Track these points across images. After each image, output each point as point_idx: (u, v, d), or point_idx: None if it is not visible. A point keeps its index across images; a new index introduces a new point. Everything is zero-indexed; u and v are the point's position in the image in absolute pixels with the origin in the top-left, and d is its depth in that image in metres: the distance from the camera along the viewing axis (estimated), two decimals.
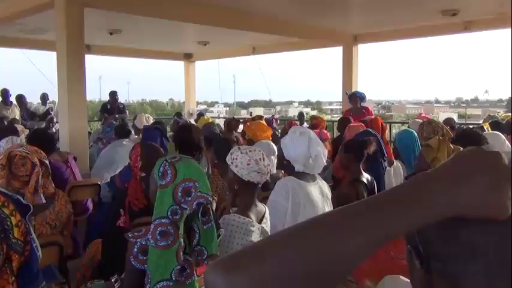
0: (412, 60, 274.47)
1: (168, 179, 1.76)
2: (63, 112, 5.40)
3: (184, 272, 1.74)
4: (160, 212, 1.74)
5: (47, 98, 10.01)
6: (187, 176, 1.76)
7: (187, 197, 1.74)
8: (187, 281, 1.74)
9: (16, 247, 1.06)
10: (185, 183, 1.75)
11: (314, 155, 2.82)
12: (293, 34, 8.40)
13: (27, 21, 7.05)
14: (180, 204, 1.74)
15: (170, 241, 1.70)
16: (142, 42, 10.33)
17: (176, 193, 1.74)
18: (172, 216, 1.73)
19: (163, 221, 1.72)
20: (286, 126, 6.70)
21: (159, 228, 1.71)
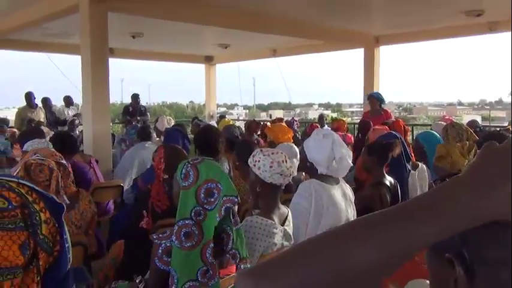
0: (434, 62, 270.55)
1: (191, 181, 1.77)
2: (87, 115, 5.49)
3: (207, 274, 1.74)
4: (184, 213, 1.75)
5: (70, 100, 10.19)
6: (210, 177, 1.77)
7: (210, 198, 1.75)
8: (210, 282, 1.74)
9: (44, 245, 1.06)
10: (207, 184, 1.76)
11: (338, 157, 2.80)
12: (314, 36, 8.37)
13: (52, 26, 7.20)
14: (203, 205, 1.74)
15: (194, 242, 1.71)
16: (163, 46, 10.44)
17: (199, 194, 1.75)
18: (195, 217, 1.73)
19: (187, 222, 1.73)
20: (307, 128, 6.67)
21: (183, 230, 1.73)
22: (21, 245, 1.00)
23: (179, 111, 42.90)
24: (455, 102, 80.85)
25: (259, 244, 2.25)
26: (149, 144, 5.05)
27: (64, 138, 4.34)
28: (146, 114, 10.36)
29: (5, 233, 0.97)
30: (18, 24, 6.84)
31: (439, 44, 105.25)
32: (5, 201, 1.00)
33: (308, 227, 2.71)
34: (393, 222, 0.55)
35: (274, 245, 2.29)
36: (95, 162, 4.52)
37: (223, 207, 1.74)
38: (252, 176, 2.43)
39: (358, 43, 9.14)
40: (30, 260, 1.04)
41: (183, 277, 1.71)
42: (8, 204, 1.00)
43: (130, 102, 10.20)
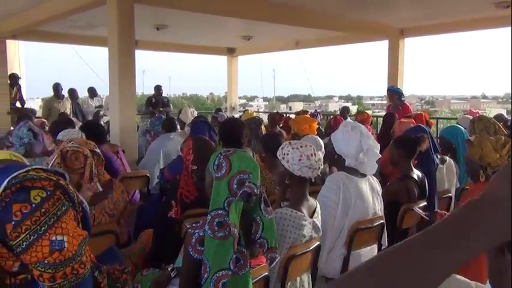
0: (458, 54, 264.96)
1: (223, 171, 1.80)
2: (113, 106, 5.57)
3: (239, 263, 1.77)
4: (217, 203, 1.78)
5: (94, 92, 10.35)
6: (242, 168, 1.80)
7: (242, 188, 1.77)
8: (240, 271, 1.78)
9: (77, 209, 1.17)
10: (240, 175, 1.79)
11: (366, 149, 2.80)
12: (338, 28, 8.29)
13: (78, 18, 7.29)
14: (236, 196, 1.77)
15: (227, 231, 1.74)
16: (187, 38, 10.47)
17: (232, 185, 1.78)
18: (228, 207, 1.76)
19: (219, 212, 1.76)
20: (331, 121, 6.64)
21: (216, 220, 1.76)
22: (74, 220, 1.11)
23: (199, 103, 43.07)
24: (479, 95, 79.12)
25: (289, 236, 2.27)
26: (174, 136, 5.11)
27: (92, 127, 4.43)
28: (169, 105, 10.45)
29: (67, 216, 1.08)
30: (46, 16, 6.94)
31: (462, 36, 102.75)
32: (42, 191, 1.06)
33: (335, 220, 2.73)
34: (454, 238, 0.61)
35: (303, 237, 2.31)
36: (122, 152, 4.60)
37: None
38: (281, 169, 2.45)
39: (382, 35, 9.01)
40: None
41: (215, 266, 1.74)
42: (47, 192, 1.06)
43: (153, 94, 10.29)
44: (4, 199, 1.03)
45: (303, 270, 2.40)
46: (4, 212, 1.02)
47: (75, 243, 1.06)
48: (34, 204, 1.02)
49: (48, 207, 1.04)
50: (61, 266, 1.03)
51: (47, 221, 1.02)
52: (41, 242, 1.01)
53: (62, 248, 1.03)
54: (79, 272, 1.07)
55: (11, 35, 8.89)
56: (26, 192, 1.04)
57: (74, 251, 1.06)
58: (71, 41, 9.83)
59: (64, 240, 1.04)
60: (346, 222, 2.74)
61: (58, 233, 1.04)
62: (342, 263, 2.74)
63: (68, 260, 1.04)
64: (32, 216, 1.01)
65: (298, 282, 2.38)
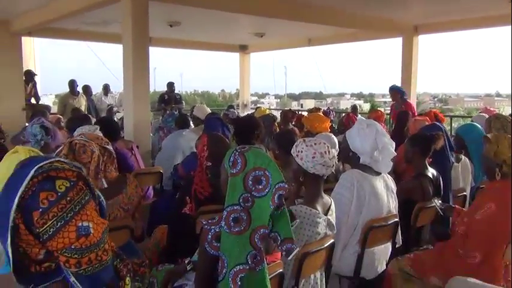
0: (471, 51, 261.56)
1: (238, 168, 1.81)
2: (128, 102, 5.62)
3: (256, 259, 1.77)
4: (232, 199, 1.79)
5: (108, 89, 10.43)
6: (257, 164, 1.80)
7: (258, 185, 1.78)
8: (257, 267, 1.78)
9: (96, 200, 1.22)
10: (255, 172, 1.79)
11: (381, 147, 2.79)
12: (351, 25, 8.24)
13: (92, 15, 7.35)
14: (251, 192, 1.78)
15: (243, 227, 1.75)
16: (199, 34, 10.50)
17: (247, 181, 1.78)
18: (244, 203, 1.77)
19: (235, 207, 1.77)
20: (343, 118, 6.62)
21: (232, 215, 1.77)
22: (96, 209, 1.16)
23: (210, 100, 43.11)
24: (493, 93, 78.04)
25: (303, 233, 2.27)
26: (187, 132, 5.14)
27: (107, 124, 4.45)
28: (181, 102, 10.51)
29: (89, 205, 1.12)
30: (61, 13, 6.99)
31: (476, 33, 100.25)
32: (67, 181, 1.10)
33: (349, 217, 2.72)
34: None
35: (317, 234, 2.31)
36: (136, 149, 4.63)
37: (276, 194, 1.76)
38: (295, 166, 2.45)
39: (396, 32, 8.95)
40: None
41: (233, 261, 1.75)
42: (70, 182, 1.11)
43: (166, 91, 10.35)
44: (31, 188, 1.06)
45: (317, 267, 2.40)
46: (31, 200, 1.06)
47: (100, 230, 1.10)
48: (60, 193, 1.07)
49: (73, 196, 1.09)
50: (87, 251, 1.07)
51: (72, 208, 1.07)
52: (67, 228, 1.05)
53: (88, 234, 1.08)
54: (102, 258, 1.11)
55: (27, 32, 8.98)
56: (51, 182, 1.08)
57: (99, 238, 1.10)
58: (85, 37, 9.91)
59: (90, 226, 1.08)
60: (360, 220, 2.73)
61: (84, 220, 1.08)
62: (356, 260, 2.74)
63: (93, 246, 1.08)
64: (59, 204, 1.06)
65: (312, 280, 2.38)
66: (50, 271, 1.10)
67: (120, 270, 1.26)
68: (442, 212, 3.09)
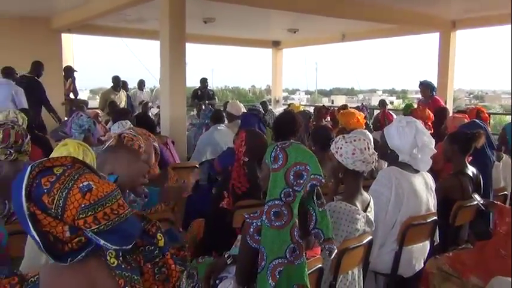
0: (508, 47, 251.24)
1: (280, 163, 1.83)
2: (164, 98, 5.72)
3: (295, 253, 1.80)
4: (274, 194, 1.82)
5: (143, 84, 10.62)
6: (299, 159, 1.83)
7: (299, 179, 1.80)
8: (296, 261, 1.81)
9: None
10: (297, 167, 1.81)
11: (420, 145, 2.76)
12: (387, 20, 8.12)
13: (130, 12, 7.50)
14: (292, 187, 1.80)
15: (284, 221, 1.78)
16: (233, 31, 10.56)
17: (288, 176, 1.81)
18: (285, 198, 1.80)
19: (276, 202, 1.80)
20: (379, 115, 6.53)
21: (273, 210, 1.80)
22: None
23: (241, 96, 43.22)
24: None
25: (342, 229, 2.28)
26: (222, 127, 5.20)
27: (143, 119, 4.55)
28: (214, 98, 10.60)
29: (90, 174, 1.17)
30: (100, 11, 7.17)
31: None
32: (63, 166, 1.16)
33: (387, 215, 2.71)
34: None
35: (356, 231, 2.32)
36: (171, 144, 4.71)
37: (310, 183, 1.80)
38: (334, 163, 2.45)
39: (433, 27, 8.75)
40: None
41: (272, 254, 1.79)
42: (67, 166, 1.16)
43: (199, 86, 10.45)
44: (34, 181, 1.12)
45: (355, 264, 2.41)
46: (36, 188, 1.11)
47: (103, 187, 1.13)
48: (58, 174, 1.13)
49: (71, 172, 1.13)
50: (97, 206, 1.10)
51: (72, 178, 1.11)
52: (72, 192, 1.10)
53: (90, 189, 1.11)
54: (119, 212, 1.13)
55: (66, 29, 9.25)
56: (49, 170, 1.14)
57: (106, 193, 1.12)
58: (122, 34, 10.11)
59: (90, 184, 1.11)
60: (399, 218, 2.71)
61: (83, 181, 1.12)
62: (394, 258, 2.73)
63: (102, 200, 1.11)
64: (59, 180, 1.11)
65: (350, 276, 2.39)
66: (81, 245, 1.14)
67: (149, 230, 1.31)
68: (484, 207, 3.03)
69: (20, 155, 2.54)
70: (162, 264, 1.30)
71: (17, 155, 2.52)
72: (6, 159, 2.50)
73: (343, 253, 2.22)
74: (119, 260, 1.19)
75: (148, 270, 1.26)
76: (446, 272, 2.80)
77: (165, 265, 1.30)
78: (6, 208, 2.43)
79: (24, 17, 8.57)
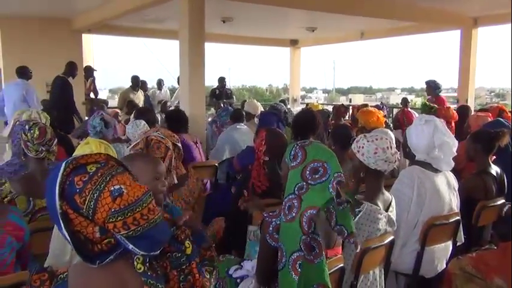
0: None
1: (298, 160, 1.84)
2: (184, 97, 5.76)
3: (313, 252, 1.79)
4: (290, 189, 1.84)
5: (162, 84, 10.70)
6: (317, 157, 1.82)
7: (315, 175, 1.80)
8: (316, 260, 1.80)
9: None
10: (314, 164, 1.81)
11: (438, 144, 2.72)
12: (407, 18, 8.02)
13: (149, 12, 7.57)
14: (307, 181, 1.80)
15: (294, 213, 1.79)
16: (251, 30, 10.57)
17: (305, 172, 1.81)
18: (298, 191, 1.81)
19: (291, 196, 1.82)
20: (398, 114, 6.48)
21: (287, 204, 1.82)
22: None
23: (258, 95, 43.20)
24: None
25: (364, 229, 2.27)
26: (241, 126, 5.21)
27: (177, 117, 4.52)
28: (232, 97, 10.62)
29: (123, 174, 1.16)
30: (119, 12, 7.26)
31: None
32: (97, 164, 1.15)
33: (409, 215, 2.68)
34: None
35: (378, 231, 2.30)
36: (200, 143, 4.71)
37: (335, 181, 1.78)
38: (356, 162, 2.43)
39: (455, 24, 8.63)
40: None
41: (289, 248, 1.80)
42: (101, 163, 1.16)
43: (217, 85, 10.48)
44: (68, 178, 1.12)
45: (376, 263, 2.39)
46: (69, 187, 1.11)
47: (134, 191, 1.11)
48: (91, 173, 1.12)
49: (103, 172, 1.12)
50: (127, 211, 1.09)
51: (104, 179, 1.10)
52: (103, 195, 1.09)
53: (121, 193, 1.09)
54: (149, 217, 1.12)
55: (87, 30, 9.38)
56: (83, 167, 1.13)
57: (137, 197, 1.11)
58: (141, 34, 10.22)
59: (122, 187, 1.10)
60: (421, 218, 2.68)
61: (114, 184, 1.10)
62: (415, 258, 2.70)
63: (132, 205, 1.10)
64: (91, 180, 1.10)
65: (371, 276, 2.37)
66: (111, 247, 1.14)
67: (178, 236, 1.31)
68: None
69: (48, 154, 2.58)
70: (188, 272, 1.29)
71: (46, 154, 2.56)
72: (35, 156, 2.55)
73: (364, 253, 2.20)
74: (146, 266, 1.19)
75: (174, 278, 1.26)
76: (470, 272, 2.76)
77: (191, 273, 1.30)
78: (30, 205, 2.48)
79: (46, 18, 8.73)
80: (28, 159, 2.63)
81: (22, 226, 2.03)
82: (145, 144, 2.45)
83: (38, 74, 7.30)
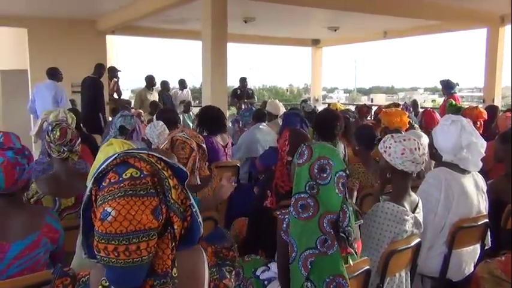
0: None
1: (305, 158, 1.91)
2: (206, 96, 5.79)
3: (326, 243, 1.85)
4: (299, 187, 1.90)
5: (185, 84, 10.77)
6: (322, 154, 1.89)
7: (322, 173, 1.87)
8: (329, 251, 1.85)
9: (175, 209, 1.13)
10: (320, 161, 1.88)
11: (465, 144, 2.66)
12: (432, 16, 7.90)
13: (171, 13, 7.64)
14: (316, 180, 1.87)
15: (311, 213, 1.86)
16: (272, 30, 10.57)
17: (312, 169, 1.88)
18: (310, 190, 1.87)
19: (302, 195, 1.88)
20: (422, 114, 6.36)
21: (299, 202, 1.88)
22: (153, 210, 1.07)
23: (278, 95, 43.16)
24: None
25: (390, 230, 2.23)
26: (263, 126, 5.20)
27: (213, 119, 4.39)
28: (253, 97, 10.63)
29: (137, 198, 1.05)
30: (143, 13, 7.35)
31: None
32: (137, 171, 1.09)
33: (436, 217, 2.63)
34: None
35: (404, 232, 2.26)
36: (230, 145, 4.68)
37: (339, 183, 1.85)
38: (382, 162, 2.40)
39: (481, 23, 8.46)
40: (165, 227, 1.12)
41: (302, 245, 1.85)
42: (140, 173, 1.09)
43: (238, 86, 10.51)
44: (110, 168, 1.10)
45: (402, 266, 2.35)
46: (102, 178, 1.10)
47: (124, 224, 1.01)
48: (121, 178, 1.06)
49: (125, 185, 1.05)
50: (107, 238, 1.01)
51: (115, 193, 1.04)
52: (99, 209, 1.04)
53: (104, 219, 1.01)
54: (132, 256, 1.03)
55: (111, 31, 9.52)
56: (125, 167, 1.09)
57: (122, 230, 1.01)
58: (163, 35, 10.33)
59: (111, 213, 1.01)
60: (448, 220, 2.63)
61: (111, 205, 1.01)
62: (442, 261, 2.65)
63: (110, 235, 1.01)
64: (111, 186, 1.05)
65: (398, 278, 2.34)
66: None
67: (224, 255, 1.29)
68: None
69: (71, 154, 2.62)
70: None
71: (68, 154, 2.60)
72: (58, 157, 2.59)
73: (390, 255, 2.18)
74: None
75: None
76: (498, 276, 2.69)
77: None
78: (56, 205, 2.52)
79: (72, 19, 8.90)
80: (53, 159, 2.67)
81: (58, 229, 2.06)
82: (171, 144, 2.47)
83: (63, 74, 7.44)
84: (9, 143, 1.99)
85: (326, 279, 1.83)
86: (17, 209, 1.99)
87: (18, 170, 1.92)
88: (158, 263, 1.12)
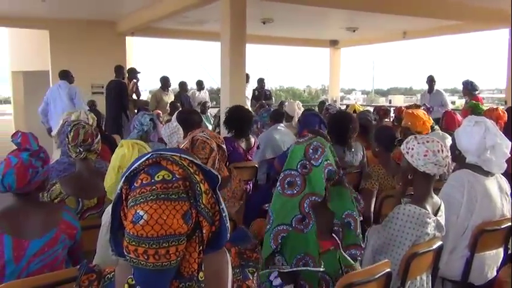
0: None
1: (305, 139, 2.02)
2: (225, 97, 5.80)
3: (304, 221, 1.90)
4: (291, 164, 1.97)
5: (202, 85, 10.81)
6: (321, 142, 1.99)
7: (315, 154, 1.93)
8: (305, 229, 1.89)
9: (205, 214, 1.12)
10: (315, 143, 1.97)
11: (489, 145, 2.61)
12: (454, 16, 7.79)
13: (190, 14, 7.68)
14: (309, 160, 1.93)
15: (296, 191, 1.91)
16: (290, 31, 10.55)
17: (308, 150, 1.95)
18: (301, 169, 1.93)
19: (292, 172, 1.94)
20: (443, 115, 6.26)
21: (288, 179, 1.94)
22: (184, 214, 1.05)
23: (295, 96, 43.07)
24: None
25: (411, 233, 2.20)
26: (281, 127, 5.18)
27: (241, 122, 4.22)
28: (271, 98, 10.61)
29: (169, 203, 1.03)
30: (162, 14, 7.41)
31: None
32: (170, 174, 1.07)
33: (458, 220, 2.59)
34: None
35: (426, 235, 2.23)
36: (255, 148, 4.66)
37: (326, 169, 1.90)
38: (404, 164, 2.37)
39: (504, 23, 8.29)
40: (193, 230, 1.11)
41: (278, 219, 1.91)
42: (172, 177, 1.07)
43: (256, 87, 10.50)
44: (143, 168, 1.09)
45: (424, 269, 2.32)
46: (133, 177, 1.08)
47: (156, 228, 1.01)
48: (153, 180, 1.05)
49: (159, 187, 1.04)
50: (138, 241, 1.01)
51: (147, 196, 1.03)
52: (130, 211, 1.03)
53: (135, 222, 1.01)
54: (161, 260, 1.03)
55: (130, 33, 9.62)
56: (157, 168, 1.08)
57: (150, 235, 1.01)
58: (182, 36, 10.40)
59: (143, 217, 1.01)
60: (471, 223, 2.59)
61: (144, 209, 1.01)
62: (465, 265, 2.60)
63: (145, 239, 1.01)
64: (143, 188, 1.04)
65: (419, 282, 2.31)
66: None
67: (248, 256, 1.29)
68: None
69: (89, 153, 2.65)
70: None
71: (86, 154, 2.63)
72: (76, 157, 2.63)
73: (412, 258, 2.15)
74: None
75: None
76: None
77: None
78: (79, 206, 2.55)
79: (92, 21, 9.02)
80: (75, 159, 2.71)
81: (75, 225, 2.09)
82: (191, 144, 2.47)
83: (84, 75, 7.59)
84: (26, 144, 2.00)
85: (297, 256, 1.88)
86: (34, 207, 2.02)
87: (31, 173, 1.93)
88: (185, 266, 1.11)
